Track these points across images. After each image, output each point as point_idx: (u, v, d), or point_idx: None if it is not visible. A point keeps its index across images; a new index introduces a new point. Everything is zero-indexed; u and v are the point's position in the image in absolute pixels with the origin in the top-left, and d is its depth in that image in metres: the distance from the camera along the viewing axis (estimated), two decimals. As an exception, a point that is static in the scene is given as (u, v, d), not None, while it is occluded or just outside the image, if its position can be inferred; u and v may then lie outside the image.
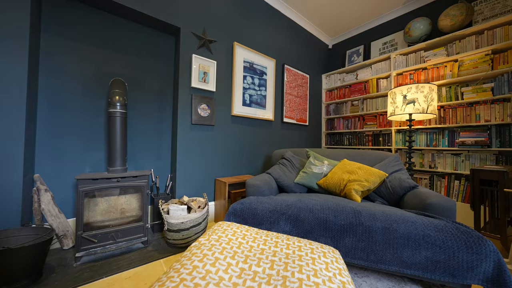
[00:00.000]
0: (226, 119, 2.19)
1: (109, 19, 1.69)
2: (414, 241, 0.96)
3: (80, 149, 1.60)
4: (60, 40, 1.51)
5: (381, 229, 1.01)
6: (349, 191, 1.45)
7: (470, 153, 2.15)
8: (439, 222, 1.00)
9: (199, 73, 1.96)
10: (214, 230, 0.87)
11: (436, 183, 2.35)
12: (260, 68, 2.49)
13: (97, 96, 1.66)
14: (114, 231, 1.42)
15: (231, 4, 2.24)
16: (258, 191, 1.52)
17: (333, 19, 3.11)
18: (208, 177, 2.06)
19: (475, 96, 2.10)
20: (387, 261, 0.99)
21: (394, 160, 1.66)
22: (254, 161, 2.50)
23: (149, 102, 1.88)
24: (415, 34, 2.53)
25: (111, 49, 1.70)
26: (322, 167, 1.74)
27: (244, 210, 1.27)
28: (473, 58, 2.12)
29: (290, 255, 0.71)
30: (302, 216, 1.15)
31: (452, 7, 2.26)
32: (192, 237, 1.52)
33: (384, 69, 2.81)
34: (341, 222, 1.08)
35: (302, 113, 3.11)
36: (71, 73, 1.55)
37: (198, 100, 1.95)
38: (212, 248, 0.72)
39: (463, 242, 0.90)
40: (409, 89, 2.06)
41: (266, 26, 2.60)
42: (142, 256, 1.40)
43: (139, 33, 1.83)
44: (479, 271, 0.87)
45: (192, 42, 1.95)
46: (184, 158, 1.89)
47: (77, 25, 1.56)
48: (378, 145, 2.88)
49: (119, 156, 1.52)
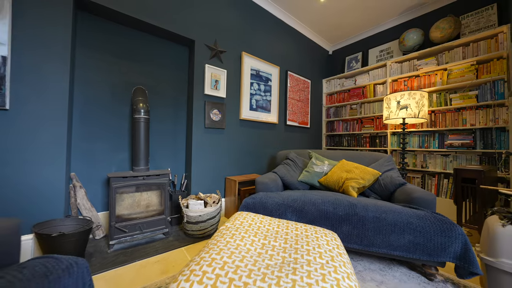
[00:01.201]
0: (235, 123, 2.39)
1: (132, 33, 1.89)
2: (400, 228, 1.16)
3: (107, 150, 1.79)
4: (91, 53, 1.70)
5: (372, 218, 1.21)
6: (346, 187, 1.65)
7: (457, 154, 2.36)
8: (421, 212, 1.20)
9: (211, 81, 2.16)
10: (236, 218, 1.07)
11: (427, 181, 2.55)
12: (266, 75, 2.69)
13: (122, 102, 1.85)
14: (141, 223, 1.61)
15: (239, 17, 2.44)
16: (266, 187, 1.72)
17: (333, 28, 3.31)
18: (219, 176, 2.26)
19: (462, 102, 2.31)
20: (377, 244, 1.19)
21: (387, 161, 1.86)
22: (260, 161, 2.70)
23: (165, 107, 2.08)
24: (409, 44, 2.73)
25: (133, 60, 1.90)
26: (323, 167, 1.94)
27: (256, 203, 1.47)
28: (460, 67, 2.33)
29: (299, 234, 0.91)
30: (306, 208, 1.35)
31: (442, 21, 2.46)
32: (208, 229, 1.72)
33: (381, 75, 3.01)
34: (339, 213, 1.28)
35: (304, 116, 3.31)
36: (99, 82, 1.75)
37: (211, 106, 2.15)
38: (238, 230, 0.92)
39: (438, 227, 1.11)
40: (402, 96, 2.26)
41: (271, 36, 2.80)
42: (165, 244, 1.60)
43: (157, 45, 2.03)
44: (450, 251, 1.07)
45: (205, 53, 2.15)
46: (198, 159, 2.09)
47: (104, 39, 1.76)
48: (375, 146, 3.08)
49: (143, 156, 1.72)
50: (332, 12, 2.91)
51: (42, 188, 1.36)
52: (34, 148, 1.33)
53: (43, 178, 1.36)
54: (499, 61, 2.11)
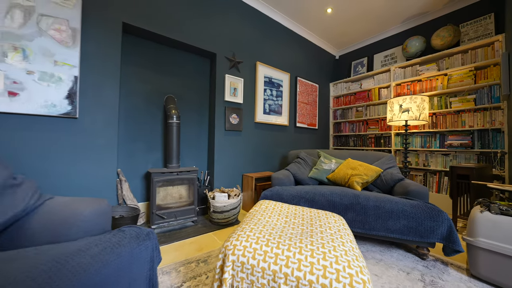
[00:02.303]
0: (250, 126, 2.67)
1: (163, 49, 2.19)
2: (396, 214, 1.39)
3: (144, 150, 2.10)
4: (131, 68, 2.02)
5: (373, 207, 1.45)
6: (352, 182, 1.89)
7: (457, 154, 2.53)
8: (414, 202, 1.43)
9: (230, 89, 2.44)
10: (261, 204, 1.33)
11: (429, 179, 2.74)
12: (277, 81, 2.95)
13: (155, 109, 2.16)
14: (175, 211, 1.91)
15: (254, 30, 2.71)
16: (280, 182, 1.98)
17: (339, 35, 3.53)
18: (237, 173, 2.54)
19: (461, 105, 2.49)
20: (377, 228, 1.43)
21: (388, 159, 2.08)
22: (272, 160, 2.97)
23: (190, 111, 2.37)
24: (412, 50, 2.92)
25: (164, 72, 2.20)
26: (331, 165, 2.18)
27: (273, 195, 1.74)
28: (460, 73, 2.51)
29: (312, 216, 1.17)
30: (317, 198, 1.61)
31: (442, 29, 2.64)
32: (230, 218, 2.00)
33: (385, 80, 3.21)
34: (345, 203, 1.52)
35: (312, 118, 3.54)
36: (137, 92, 2.06)
37: (230, 111, 2.43)
38: (265, 212, 1.19)
39: (428, 214, 1.33)
40: (404, 100, 2.46)
41: (281, 45, 3.06)
42: (195, 230, 1.89)
43: (184, 59, 2.33)
44: (438, 233, 1.30)
45: (225, 64, 2.43)
46: (219, 158, 2.38)
47: (141, 55, 2.07)
48: (380, 146, 3.28)
49: (175, 155, 2.02)
50: (339, 21, 3.13)
51: (100, 180, 1.67)
52: (94, 148, 1.65)
53: (101, 173, 1.67)
54: (496, 67, 2.28)
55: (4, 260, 0.65)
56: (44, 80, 1.45)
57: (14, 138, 1.37)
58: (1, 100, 1.31)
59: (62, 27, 1.51)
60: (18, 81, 1.37)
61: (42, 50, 1.44)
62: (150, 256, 0.95)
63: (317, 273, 0.71)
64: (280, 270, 0.75)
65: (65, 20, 1.52)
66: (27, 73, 1.40)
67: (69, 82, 1.53)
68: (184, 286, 1.13)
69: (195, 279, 1.19)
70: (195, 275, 1.23)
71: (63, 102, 1.51)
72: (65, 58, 1.52)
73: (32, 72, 1.41)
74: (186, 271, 1.26)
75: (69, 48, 1.53)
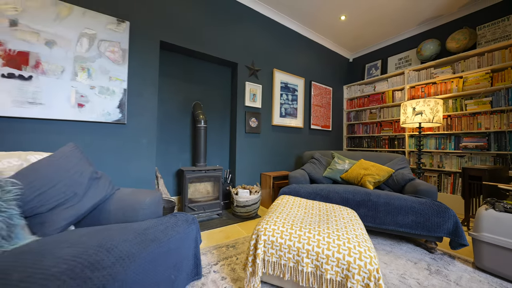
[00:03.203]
0: (268, 128, 2.88)
1: (190, 61, 2.47)
2: (405, 210, 1.53)
3: (175, 151, 2.39)
4: (165, 79, 2.31)
5: (383, 203, 1.60)
6: (364, 181, 2.04)
7: (472, 155, 2.56)
8: (422, 199, 1.56)
9: (249, 95, 2.66)
10: (282, 198, 1.54)
11: (443, 180, 2.78)
12: (293, 86, 3.14)
13: (184, 114, 2.44)
14: (203, 205, 2.17)
15: (271, 39, 2.92)
16: (297, 180, 2.17)
17: (353, 39, 3.63)
18: (256, 172, 2.77)
19: (476, 107, 2.52)
20: (387, 223, 1.58)
21: (400, 160, 2.20)
22: (288, 160, 3.16)
23: (214, 116, 2.63)
24: (426, 53, 2.97)
25: (192, 81, 2.48)
26: (344, 165, 2.33)
27: (291, 191, 1.93)
28: (475, 75, 2.53)
29: (328, 209, 1.35)
30: (331, 195, 1.78)
31: (457, 32, 2.68)
32: (251, 212, 2.22)
33: (399, 82, 3.27)
34: (357, 199, 1.69)
35: (326, 120, 3.68)
36: (170, 100, 2.35)
37: (249, 115, 2.66)
38: (286, 204, 1.39)
39: (435, 210, 1.46)
40: (417, 103, 2.54)
41: (296, 51, 3.24)
42: (221, 222, 2.14)
43: (209, 68, 2.59)
44: (445, 228, 1.42)
45: (245, 72, 2.66)
46: (240, 158, 2.61)
47: (173, 67, 2.35)
48: (394, 147, 3.34)
49: (202, 155, 2.28)
50: (352, 27, 3.25)
51: (143, 176, 1.97)
52: (138, 149, 1.95)
53: (143, 170, 1.97)
54: (513, 70, 2.30)
55: (101, 230, 0.92)
56: (102, 93, 1.76)
57: (81, 140, 1.70)
58: (73, 111, 1.64)
59: (115, 49, 1.82)
60: (84, 95, 1.69)
61: (101, 69, 1.75)
62: (194, 237, 1.19)
63: (333, 250, 0.91)
64: (303, 247, 0.95)
65: (118, 42, 1.83)
66: (90, 88, 1.71)
67: (120, 94, 1.84)
68: (219, 264, 1.37)
69: (227, 259, 1.43)
70: (227, 256, 1.46)
71: (115, 111, 1.82)
72: (117, 74, 1.82)
73: (94, 87, 1.73)
74: (218, 253, 1.50)
75: (120, 65, 1.84)
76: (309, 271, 0.92)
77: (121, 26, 1.84)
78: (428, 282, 1.22)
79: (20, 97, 1.48)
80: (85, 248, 0.73)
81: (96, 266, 0.66)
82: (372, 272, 0.84)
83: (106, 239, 0.81)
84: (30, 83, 1.51)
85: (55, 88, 1.59)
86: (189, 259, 1.15)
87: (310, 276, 0.92)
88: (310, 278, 0.92)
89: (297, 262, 0.94)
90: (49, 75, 1.57)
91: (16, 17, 1.46)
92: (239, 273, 1.27)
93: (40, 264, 0.64)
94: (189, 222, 1.17)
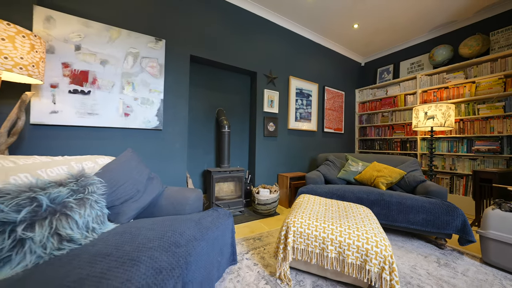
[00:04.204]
0: (284, 132, 3.07)
1: (214, 71, 2.70)
2: (416, 209, 1.68)
3: (201, 153, 2.64)
4: (193, 88, 2.56)
5: (396, 203, 1.76)
6: (377, 183, 2.19)
7: (485, 158, 2.64)
8: (432, 199, 1.70)
9: (267, 101, 2.87)
10: (303, 197, 1.73)
11: (455, 182, 2.86)
12: (307, 91, 3.31)
13: (209, 120, 2.68)
14: (228, 202, 2.40)
15: (287, 47, 3.11)
16: (313, 181, 2.35)
17: (365, 45, 3.75)
18: (273, 172, 2.97)
19: (489, 112, 2.59)
20: (399, 221, 1.73)
21: (412, 163, 2.33)
22: (302, 162, 3.33)
23: (234, 120, 2.86)
24: (438, 59, 3.05)
25: (215, 89, 2.71)
26: (358, 167, 2.49)
27: (309, 191, 2.12)
28: (488, 81, 2.61)
29: (345, 206, 1.53)
30: (346, 195, 1.95)
31: (470, 39, 2.75)
32: (271, 209, 2.43)
33: (411, 87, 3.36)
34: (371, 199, 1.85)
35: (339, 123, 3.82)
36: (197, 107, 2.60)
37: (267, 120, 2.86)
38: (308, 202, 1.58)
39: (444, 210, 1.60)
40: (429, 108, 2.65)
41: (310, 58, 3.41)
42: (245, 218, 2.36)
43: (230, 77, 2.82)
44: (453, 225, 1.56)
45: (263, 80, 2.87)
46: (259, 159, 2.83)
47: (198, 77, 2.60)
48: (406, 150, 3.44)
49: (226, 158, 2.51)
50: (365, 34, 3.37)
51: (176, 175, 2.22)
52: (173, 152, 2.20)
53: (177, 171, 2.22)
54: (526, 76, 2.36)
55: (165, 220, 1.15)
56: (144, 104, 2.03)
57: (127, 144, 1.97)
58: (121, 119, 1.91)
59: (154, 64, 2.08)
60: (129, 106, 1.96)
61: (142, 82, 2.02)
62: (231, 228, 1.40)
63: (353, 239, 1.10)
64: (328, 236, 1.15)
65: (156, 58, 2.09)
66: (134, 99, 1.98)
67: (157, 104, 2.10)
68: (249, 253, 1.58)
69: (255, 249, 1.64)
70: (255, 247, 1.68)
71: (154, 119, 2.08)
72: (155, 86, 2.09)
73: (137, 98, 1.99)
74: (247, 245, 1.71)
75: (157, 79, 2.10)
76: (333, 257, 1.11)
77: (159, 44, 2.10)
78: (437, 272, 1.37)
79: (82, 109, 1.76)
80: (163, 232, 0.97)
81: (177, 245, 0.89)
82: (387, 258, 1.02)
83: (174, 226, 1.04)
84: (89, 97, 1.79)
85: (107, 101, 1.86)
86: (228, 247, 1.37)
87: (334, 261, 1.11)
88: (334, 263, 1.11)
89: (323, 249, 1.14)
90: (103, 90, 1.85)
91: (80, 43, 1.75)
92: (268, 260, 1.48)
93: (137, 241, 0.87)
94: (227, 216, 1.39)
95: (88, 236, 0.92)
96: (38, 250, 0.76)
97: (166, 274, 0.73)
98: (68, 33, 1.70)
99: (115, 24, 1.91)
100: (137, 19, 2.01)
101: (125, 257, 0.75)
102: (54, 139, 1.67)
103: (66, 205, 0.88)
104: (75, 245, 0.86)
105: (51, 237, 0.80)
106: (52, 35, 1.65)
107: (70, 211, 0.88)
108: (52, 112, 1.66)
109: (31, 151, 1.59)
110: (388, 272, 1.00)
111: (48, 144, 1.66)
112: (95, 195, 1.04)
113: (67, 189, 0.92)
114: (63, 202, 0.88)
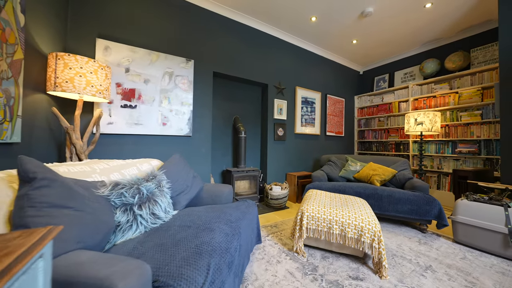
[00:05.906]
0: (291, 136, 3.47)
1: (230, 83, 3.10)
2: (403, 201, 2.09)
3: (220, 155, 3.04)
4: (214, 99, 2.95)
5: (387, 196, 2.16)
6: (372, 180, 2.59)
7: (466, 159, 3.04)
8: (416, 193, 2.10)
9: (277, 109, 3.27)
10: (312, 191, 2.13)
11: (442, 180, 3.27)
12: (311, 100, 3.71)
13: (227, 126, 3.08)
14: (245, 197, 2.80)
15: (294, 61, 3.51)
16: (318, 179, 2.75)
17: (363, 57, 4.15)
18: (282, 172, 3.37)
19: (469, 119, 3.00)
20: (389, 210, 2.13)
21: (403, 163, 2.73)
22: (307, 162, 3.73)
23: (248, 126, 3.25)
24: (427, 71, 3.46)
25: (232, 99, 3.11)
26: (356, 167, 2.89)
27: (315, 187, 2.53)
28: (469, 92, 3.01)
29: (346, 198, 1.94)
30: (347, 190, 2.36)
31: (454, 54, 3.16)
32: (282, 203, 2.83)
33: (404, 95, 3.76)
34: (367, 193, 2.25)
35: (339, 127, 4.22)
36: (217, 116, 2.99)
37: (277, 126, 3.26)
38: (316, 195, 1.99)
39: (425, 201, 2.01)
40: (418, 115, 3.05)
41: (314, 68, 3.81)
42: (259, 211, 2.75)
43: (245, 89, 3.22)
44: (432, 213, 1.97)
45: (273, 91, 3.27)
46: (270, 160, 3.23)
47: (218, 89, 2.99)
48: (400, 151, 3.84)
49: (243, 159, 2.91)
50: (363, 48, 3.78)
51: (203, 176, 2.62)
52: (199, 156, 2.60)
53: (203, 172, 2.62)
54: (499, 88, 2.76)
55: (212, 207, 1.55)
56: (177, 114, 2.42)
57: (164, 149, 2.36)
58: (160, 128, 2.31)
59: (185, 81, 2.48)
60: (166, 116, 2.35)
61: (176, 97, 2.41)
62: (256, 215, 1.80)
63: (352, 220, 1.50)
64: (333, 218, 1.55)
65: (186, 76, 2.49)
66: (170, 111, 2.38)
67: (188, 114, 2.49)
68: (269, 236, 1.98)
69: (274, 234, 2.04)
70: (273, 232, 2.08)
71: (185, 127, 2.48)
72: (186, 100, 2.48)
73: (172, 110, 2.39)
74: (266, 230, 2.11)
75: (187, 93, 2.49)
76: (337, 233, 1.52)
77: (189, 64, 2.50)
78: (417, 248, 1.78)
79: (130, 120, 2.16)
80: (218, 214, 1.36)
81: (231, 221, 1.29)
82: (376, 232, 1.42)
83: (223, 210, 1.44)
84: (135, 110, 2.18)
85: (149, 113, 2.26)
86: (254, 229, 1.76)
87: (338, 236, 1.51)
88: (337, 237, 1.51)
89: (329, 228, 1.54)
90: (146, 104, 2.24)
91: (129, 66, 2.14)
92: (285, 241, 1.88)
93: (203, 219, 1.27)
94: (253, 205, 1.78)
95: (167, 216, 1.31)
96: (144, 222, 1.16)
97: (231, 237, 1.13)
98: (120, 58, 2.10)
99: (154, 49, 2.30)
100: (171, 44, 2.41)
101: (202, 227, 1.15)
102: (111, 145, 2.07)
103: (154, 194, 1.28)
104: (161, 221, 1.26)
105: (150, 215, 1.20)
106: (108, 60, 2.05)
107: (157, 198, 1.28)
108: (108, 123, 2.05)
109: (96, 155, 1.98)
110: (377, 242, 1.40)
111: (105, 149, 2.05)
112: (165, 188, 1.44)
113: (153, 183, 1.32)
114: (152, 192, 1.28)
